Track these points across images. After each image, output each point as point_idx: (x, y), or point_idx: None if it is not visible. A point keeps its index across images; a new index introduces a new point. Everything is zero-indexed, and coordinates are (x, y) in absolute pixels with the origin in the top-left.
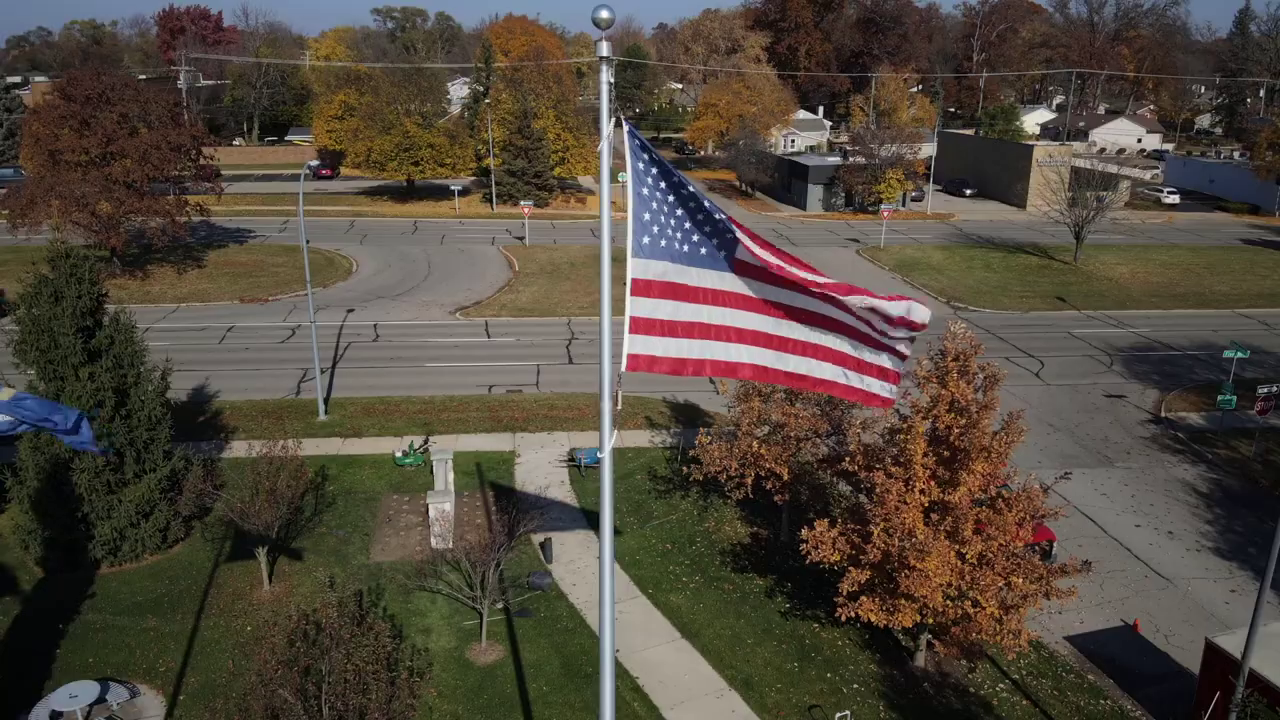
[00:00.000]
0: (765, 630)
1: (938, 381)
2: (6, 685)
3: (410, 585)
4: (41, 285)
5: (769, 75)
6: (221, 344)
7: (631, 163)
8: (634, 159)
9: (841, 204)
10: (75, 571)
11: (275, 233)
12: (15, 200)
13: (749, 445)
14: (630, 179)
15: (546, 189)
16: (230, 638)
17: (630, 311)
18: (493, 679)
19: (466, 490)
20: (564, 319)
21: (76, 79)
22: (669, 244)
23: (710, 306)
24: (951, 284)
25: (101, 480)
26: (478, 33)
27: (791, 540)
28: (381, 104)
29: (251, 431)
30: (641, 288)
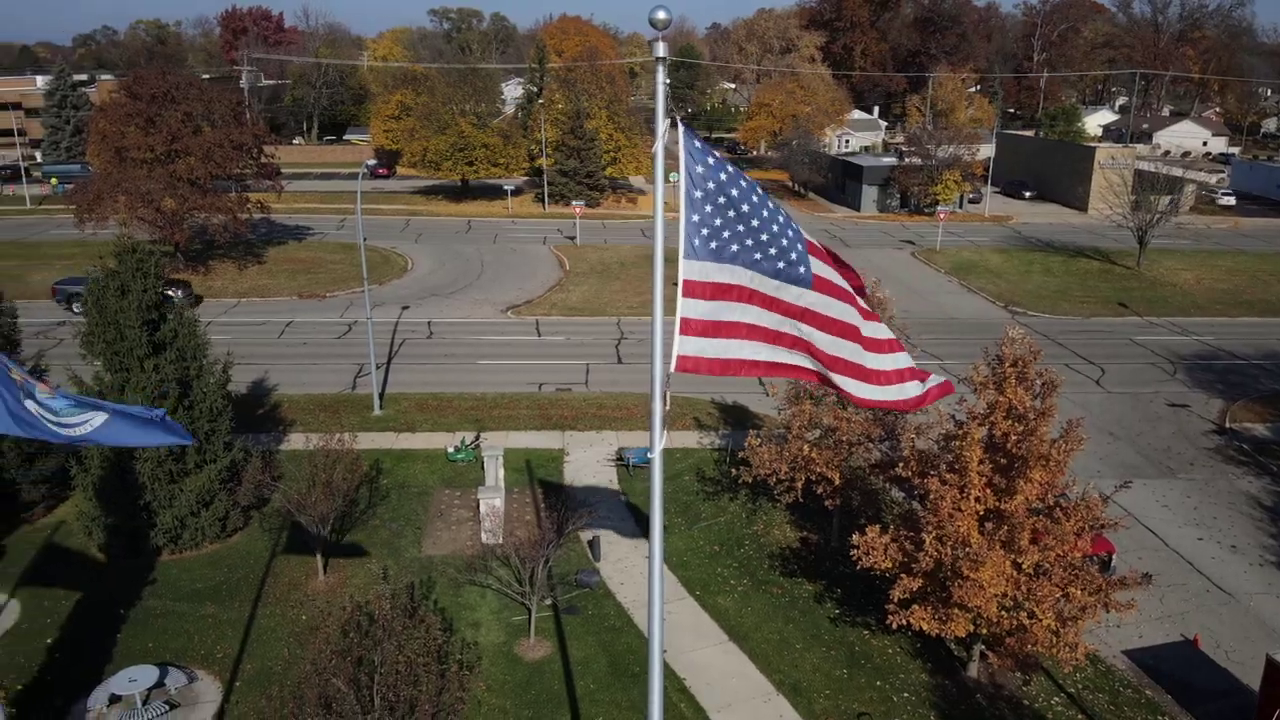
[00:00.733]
0: (814, 635)
1: (995, 387)
2: (69, 668)
3: (461, 579)
4: (108, 279)
5: (823, 75)
6: (280, 339)
7: (686, 164)
8: (688, 160)
9: (896, 205)
10: (137, 558)
11: (333, 230)
12: (83, 195)
13: (800, 449)
14: (683, 181)
15: (598, 189)
16: (286, 626)
17: (681, 313)
18: (540, 675)
19: (516, 487)
20: (613, 319)
21: (142, 78)
22: (721, 246)
23: (759, 309)
24: (1009, 288)
25: (164, 470)
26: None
27: (842, 546)
28: (437, 104)
29: (309, 425)
30: (692, 289)
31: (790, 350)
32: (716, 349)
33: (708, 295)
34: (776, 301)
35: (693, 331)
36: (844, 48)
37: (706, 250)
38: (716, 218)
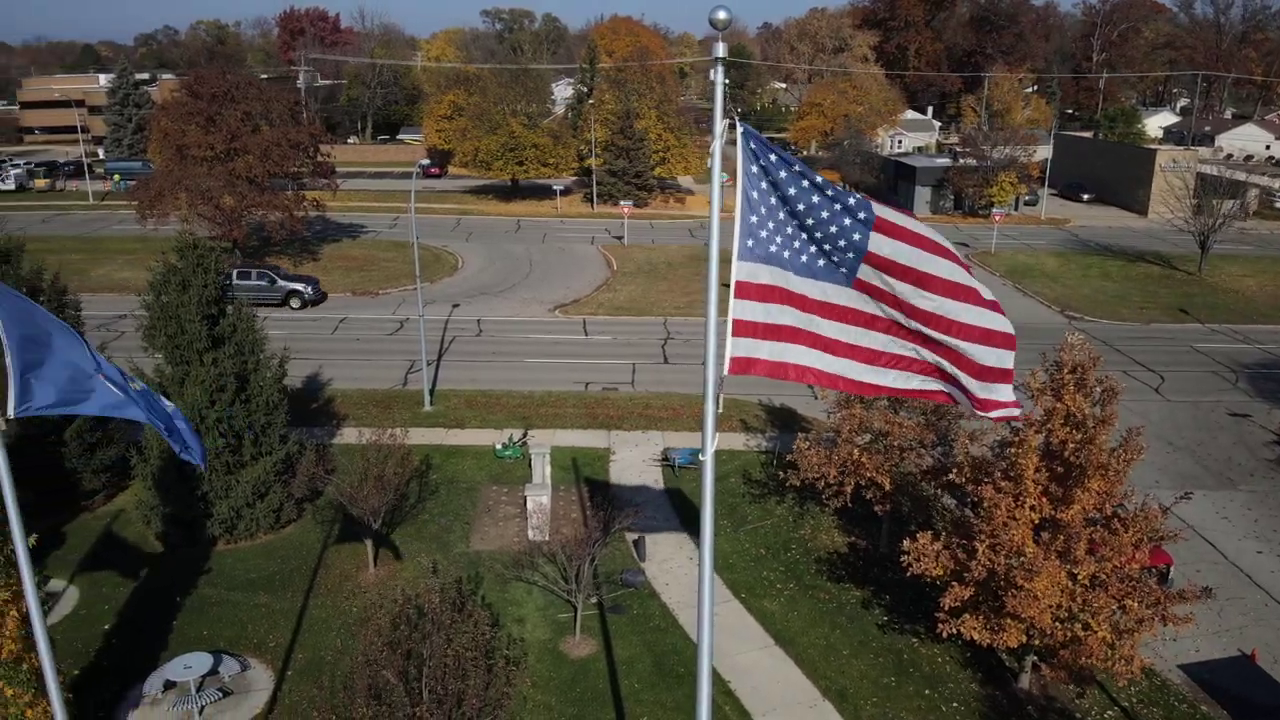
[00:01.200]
0: (862, 642)
1: (1052, 394)
2: (125, 654)
3: (508, 575)
4: (169, 274)
5: (876, 75)
6: (334, 334)
7: (743, 165)
8: (746, 161)
9: (950, 207)
10: (193, 547)
11: (386, 229)
12: (144, 192)
13: (849, 453)
14: (740, 181)
15: (646, 189)
16: (337, 617)
17: (733, 314)
18: (585, 673)
19: (562, 485)
20: (660, 319)
21: (203, 78)
22: (776, 249)
23: (812, 315)
24: (1066, 293)
25: (221, 461)
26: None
27: (891, 552)
28: (489, 104)
29: (361, 419)
30: (745, 290)
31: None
32: (768, 351)
33: (760, 297)
34: (829, 305)
35: (745, 333)
36: (898, 47)
37: (761, 251)
38: (772, 219)
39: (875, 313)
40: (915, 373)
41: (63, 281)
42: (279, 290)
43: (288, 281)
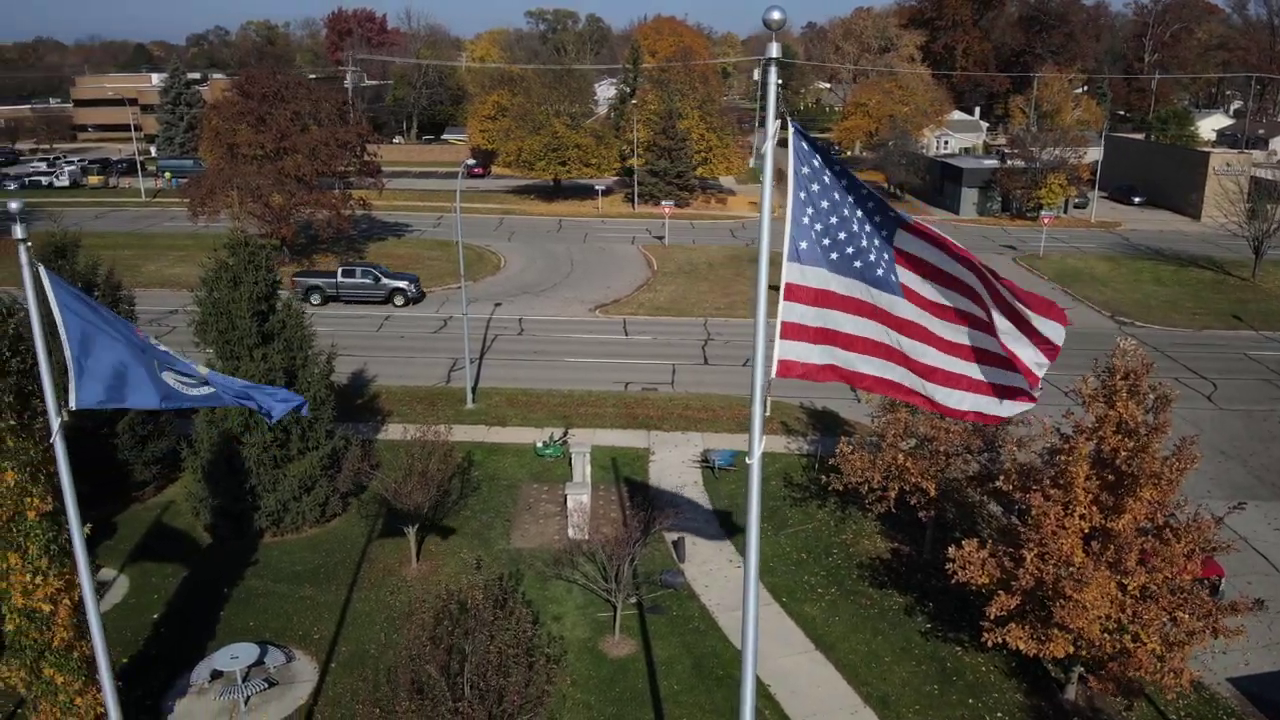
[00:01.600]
0: (904, 649)
1: (1104, 401)
2: (173, 643)
3: (548, 573)
4: (221, 270)
5: (923, 74)
6: (379, 332)
7: (794, 165)
8: (797, 162)
9: (997, 209)
10: (241, 540)
11: (430, 228)
12: (196, 190)
13: (894, 457)
14: (791, 182)
15: (688, 189)
16: (381, 611)
17: (782, 317)
18: (625, 673)
19: (602, 484)
20: (700, 319)
21: (254, 78)
22: (826, 251)
23: (859, 318)
24: (1117, 297)
25: (269, 455)
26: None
27: (934, 558)
28: (532, 105)
29: (405, 415)
30: (794, 293)
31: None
32: (817, 355)
33: (810, 300)
34: (877, 310)
35: (794, 336)
36: (945, 47)
37: (810, 254)
38: (822, 221)
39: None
40: (955, 388)
41: (117, 277)
42: (383, 288)
43: (391, 279)
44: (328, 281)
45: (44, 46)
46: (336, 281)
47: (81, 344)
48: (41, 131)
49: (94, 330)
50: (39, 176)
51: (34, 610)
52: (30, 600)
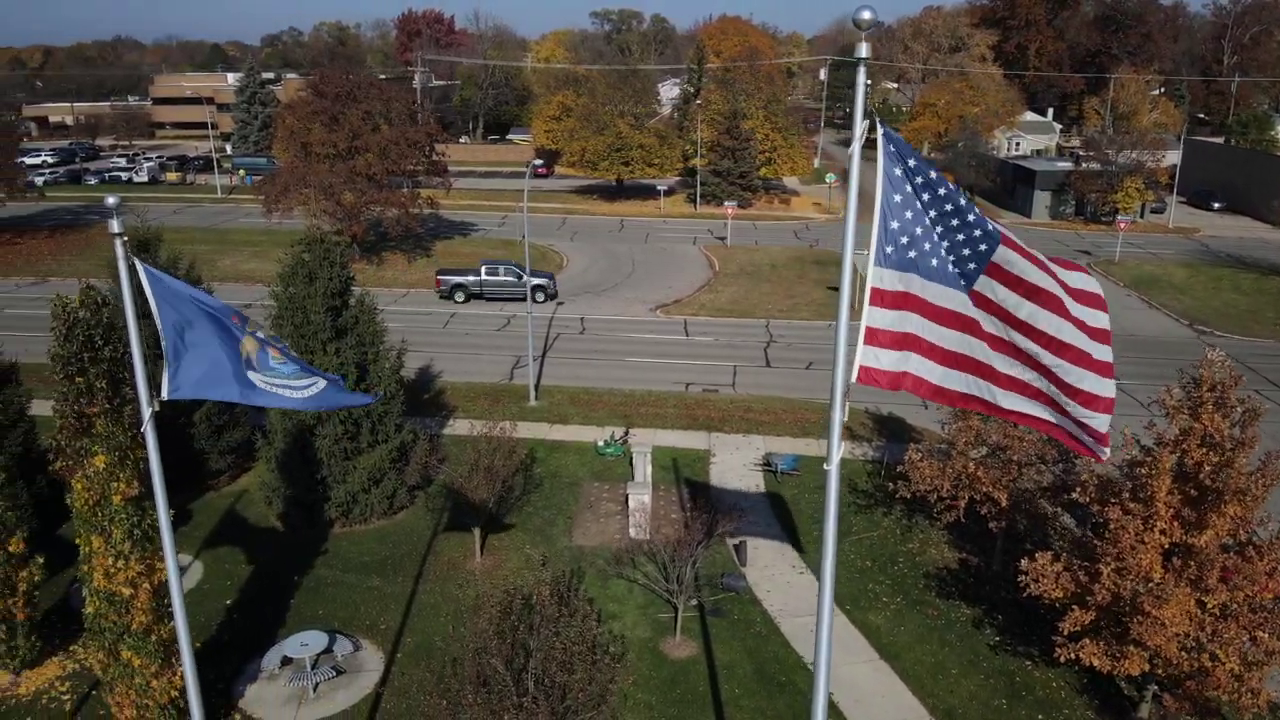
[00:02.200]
0: (971, 662)
1: (1189, 413)
2: (245, 629)
3: (609, 572)
4: (298, 266)
5: (994, 74)
6: (444, 329)
7: (884, 167)
8: (888, 163)
9: (1071, 212)
10: (311, 529)
11: (495, 227)
12: (271, 187)
13: (964, 466)
14: (880, 185)
15: (750, 189)
16: (446, 603)
17: (866, 321)
18: (685, 675)
19: (662, 484)
20: (762, 321)
21: (328, 78)
22: (917, 256)
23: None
24: (1195, 306)
25: (340, 447)
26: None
27: (1004, 570)
28: (597, 105)
29: (469, 411)
30: (881, 298)
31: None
32: (900, 362)
33: (896, 305)
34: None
35: (877, 342)
36: (1018, 46)
37: (898, 258)
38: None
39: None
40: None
41: (196, 271)
42: (525, 284)
43: (532, 277)
44: (472, 280)
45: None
46: (480, 279)
47: (175, 336)
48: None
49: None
50: (119, 172)
51: (114, 593)
52: (111, 583)
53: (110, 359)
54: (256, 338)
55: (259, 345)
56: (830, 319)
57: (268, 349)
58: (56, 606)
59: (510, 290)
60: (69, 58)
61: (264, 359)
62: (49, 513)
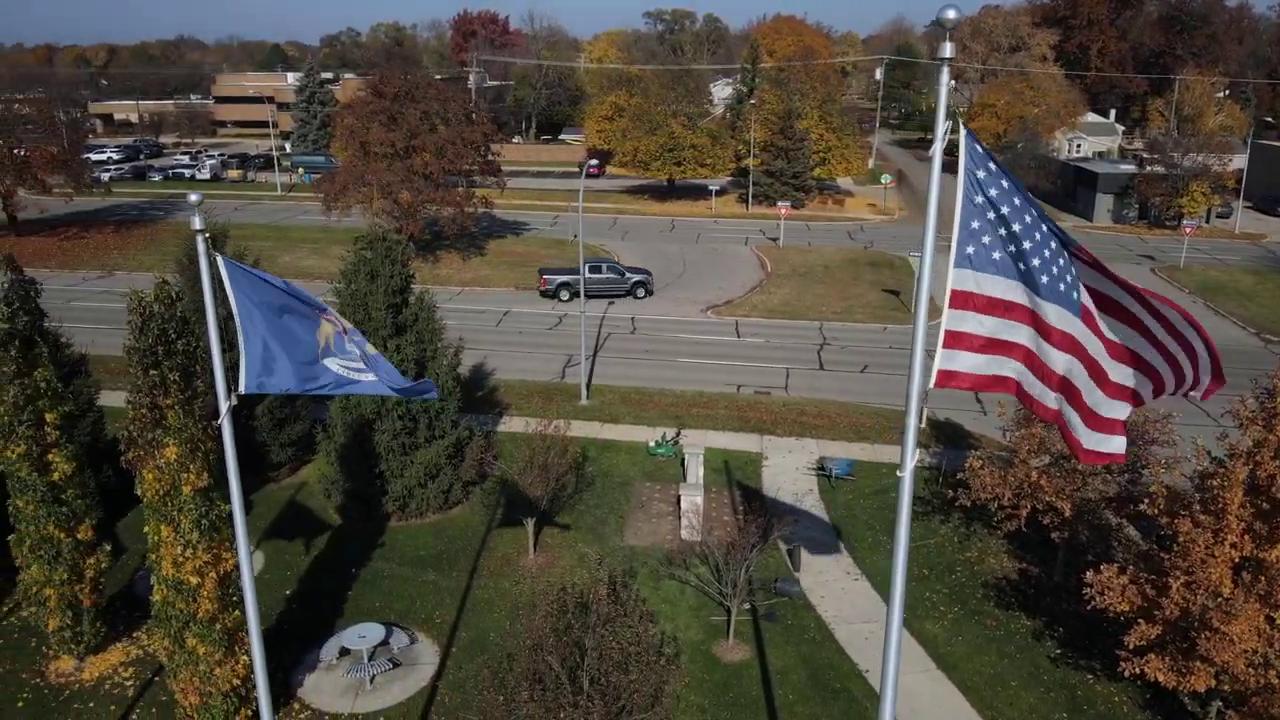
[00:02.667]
0: (1032, 674)
1: (1263, 424)
2: (303, 619)
3: (661, 572)
4: (360, 264)
5: (1055, 75)
6: (498, 327)
7: (966, 167)
8: (969, 164)
9: (1134, 216)
10: (368, 522)
11: (547, 226)
12: (330, 185)
13: (1027, 474)
14: (961, 186)
15: (804, 190)
16: (499, 599)
17: (945, 325)
18: (738, 678)
19: (714, 486)
20: (815, 323)
21: (387, 78)
22: (1000, 258)
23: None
24: (1263, 313)
25: (398, 442)
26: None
27: (1065, 581)
28: (650, 105)
29: (522, 409)
30: (961, 300)
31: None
32: (981, 366)
33: (978, 308)
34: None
35: (957, 346)
36: (1079, 46)
37: (981, 260)
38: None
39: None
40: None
41: (260, 267)
42: (627, 281)
43: (632, 274)
44: (575, 278)
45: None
46: (584, 277)
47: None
48: (184, 126)
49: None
50: (182, 169)
51: (182, 582)
52: (179, 572)
53: (183, 353)
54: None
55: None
56: (886, 322)
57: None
58: (121, 593)
59: (613, 287)
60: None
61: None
62: (113, 501)
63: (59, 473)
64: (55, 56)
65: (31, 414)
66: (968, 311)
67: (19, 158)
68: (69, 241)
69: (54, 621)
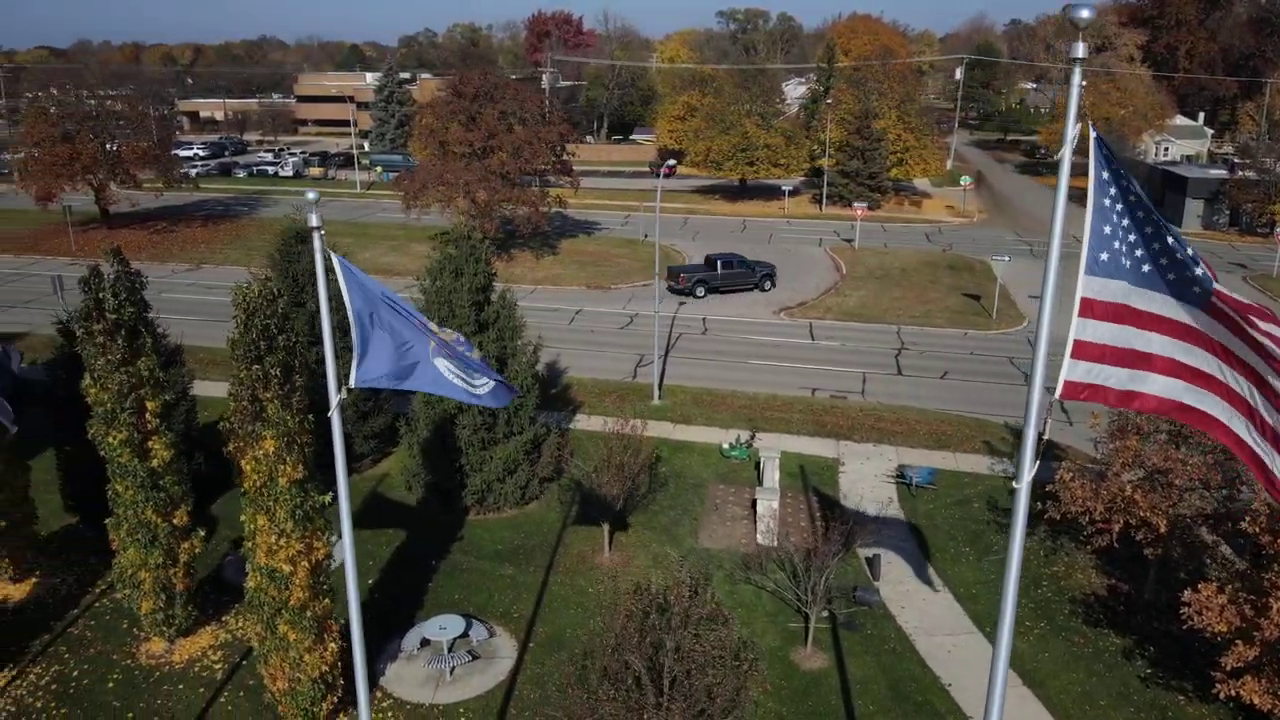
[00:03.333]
0: (1121, 694)
1: None
2: (385, 609)
3: (737, 576)
4: (445, 261)
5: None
6: (570, 325)
7: (1095, 171)
8: (1099, 168)
9: (1224, 223)
10: (447, 515)
11: (618, 226)
12: (410, 184)
13: (1120, 488)
14: (1091, 189)
15: (880, 191)
16: (575, 596)
17: (1074, 334)
18: (817, 687)
19: (789, 491)
20: (892, 327)
21: (467, 78)
22: (1132, 264)
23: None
24: None
25: (478, 437)
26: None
27: (1157, 599)
28: (724, 105)
29: (595, 408)
30: (1092, 309)
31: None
32: (1113, 377)
33: (1110, 317)
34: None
35: (1087, 356)
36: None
37: (1113, 266)
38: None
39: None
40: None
41: None
42: (756, 274)
43: (759, 267)
44: (710, 273)
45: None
46: (719, 273)
47: (366, 326)
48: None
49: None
50: (266, 166)
51: (275, 570)
52: (273, 560)
53: (284, 348)
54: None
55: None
56: (967, 327)
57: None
58: (209, 578)
59: (743, 281)
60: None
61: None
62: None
63: (158, 459)
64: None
65: (134, 402)
66: (1099, 320)
67: (112, 153)
68: (158, 235)
69: (147, 604)
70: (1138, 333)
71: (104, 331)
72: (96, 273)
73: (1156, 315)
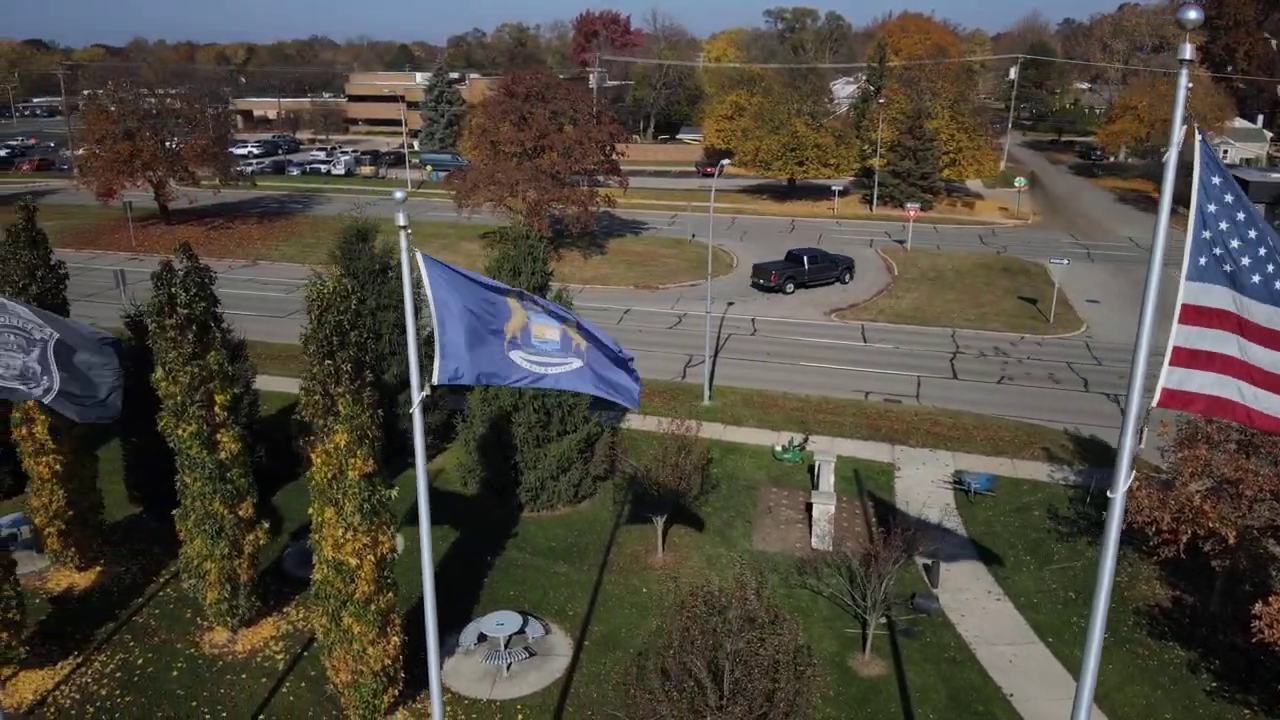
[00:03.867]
0: (1186, 708)
1: None
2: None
3: (793, 580)
4: (503, 260)
5: (1201, 77)
6: (619, 325)
7: (1200, 174)
8: (1204, 171)
9: None
10: (502, 511)
11: (665, 226)
12: (461, 183)
13: (1188, 498)
14: (1195, 193)
15: (932, 191)
16: (629, 595)
17: (1174, 340)
18: (876, 694)
19: (844, 495)
20: (947, 330)
21: (519, 78)
22: (1235, 271)
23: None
24: None
25: (533, 434)
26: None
27: (1223, 611)
28: (772, 104)
29: (645, 407)
30: (1192, 315)
31: None
32: (1212, 385)
33: (1212, 324)
34: None
35: (1186, 363)
36: (1225, 48)
37: (1214, 272)
38: (1229, 238)
39: None
40: None
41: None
42: (838, 267)
43: (840, 260)
44: (796, 269)
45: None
46: (806, 268)
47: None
48: (319, 123)
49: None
50: (318, 165)
51: (342, 563)
52: (339, 553)
53: (355, 344)
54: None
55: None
56: (1023, 331)
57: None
58: (271, 569)
59: (826, 275)
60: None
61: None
62: (265, 481)
63: (226, 452)
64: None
65: (203, 395)
66: (1199, 327)
67: (171, 150)
68: (216, 231)
69: (212, 594)
70: (1240, 341)
71: (176, 326)
72: (169, 268)
73: (1259, 325)
